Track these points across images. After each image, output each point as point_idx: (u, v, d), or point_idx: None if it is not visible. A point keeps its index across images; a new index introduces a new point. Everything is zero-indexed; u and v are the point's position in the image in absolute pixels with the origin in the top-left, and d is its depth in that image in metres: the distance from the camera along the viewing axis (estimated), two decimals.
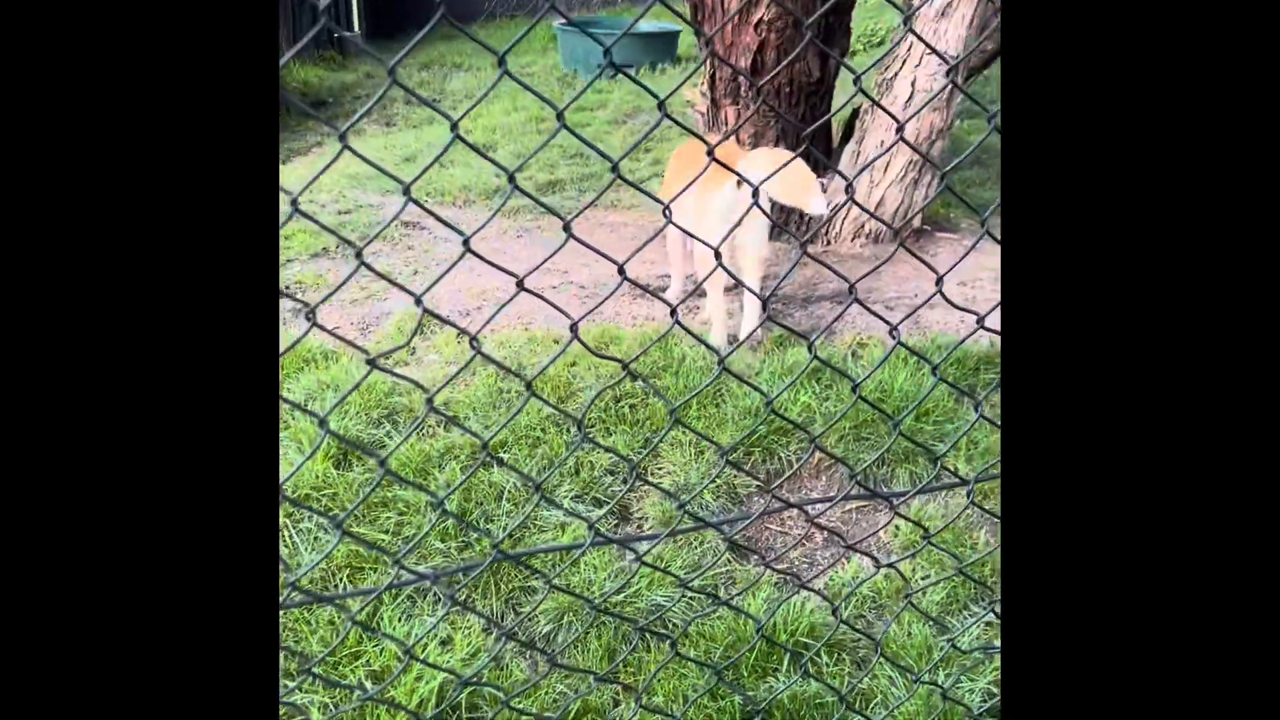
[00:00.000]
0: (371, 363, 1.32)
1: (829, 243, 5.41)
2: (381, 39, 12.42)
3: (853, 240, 5.40)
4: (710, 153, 1.43)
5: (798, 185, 4.07)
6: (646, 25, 11.52)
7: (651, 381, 3.68)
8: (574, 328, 1.30)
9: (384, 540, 2.85)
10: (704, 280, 1.41)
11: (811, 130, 1.48)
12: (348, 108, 9.42)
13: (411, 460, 3.22)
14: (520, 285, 1.34)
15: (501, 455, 3.28)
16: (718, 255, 1.49)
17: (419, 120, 8.77)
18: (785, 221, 5.22)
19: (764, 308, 1.42)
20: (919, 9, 4.74)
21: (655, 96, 1.36)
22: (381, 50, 11.79)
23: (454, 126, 1.31)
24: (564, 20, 10.78)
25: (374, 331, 4.37)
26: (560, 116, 1.32)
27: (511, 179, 1.31)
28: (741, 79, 5.29)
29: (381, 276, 1.18)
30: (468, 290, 4.79)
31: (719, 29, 2.60)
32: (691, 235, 1.48)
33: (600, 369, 3.89)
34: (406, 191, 1.27)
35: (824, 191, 4.30)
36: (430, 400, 1.37)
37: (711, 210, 4.19)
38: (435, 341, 4.26)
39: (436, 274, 4.89)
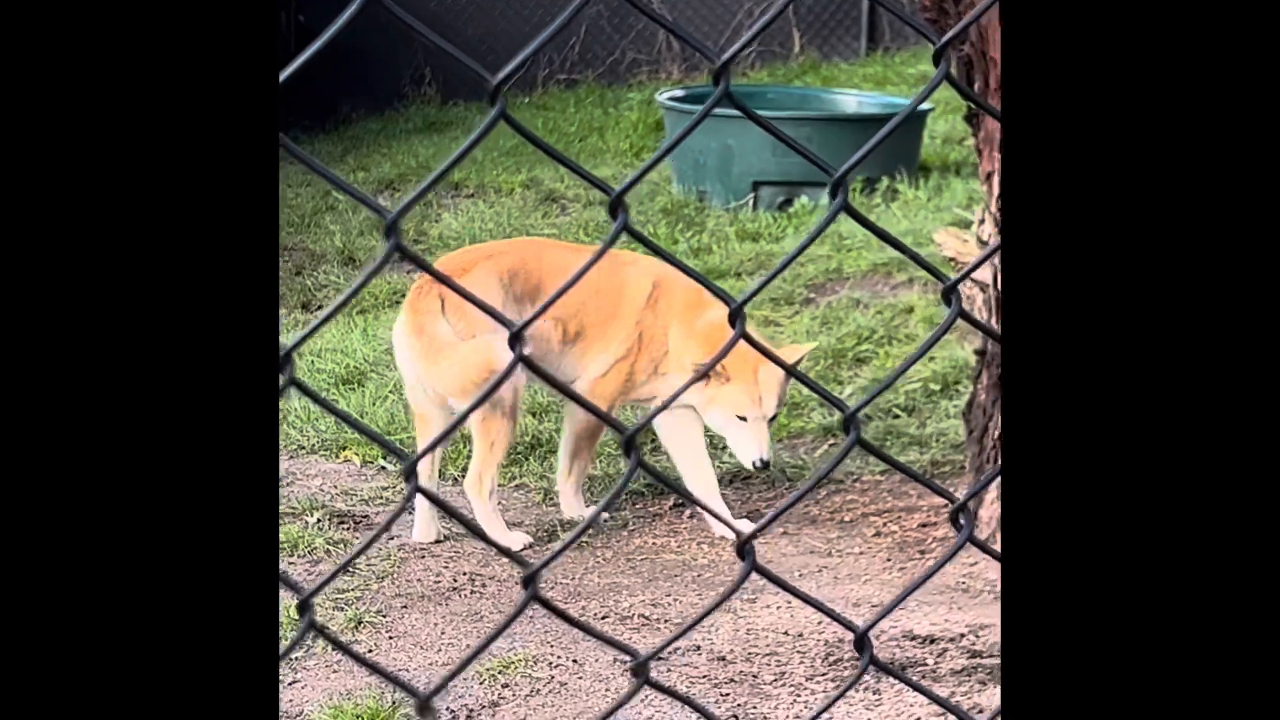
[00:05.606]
0: None
1: None
2: (327, 128, 7.01)
3: None
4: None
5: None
6: (858, 100, 6.16)
7: None
8: None
9: None
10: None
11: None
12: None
13: None
14: None
15: None
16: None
17: (382, 295, 4.92)
18: None
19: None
20: None
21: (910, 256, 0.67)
22: (329, 147, 6.84)
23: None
24: (675, 95, 6.01)
25: None
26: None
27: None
28: None
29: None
30: (482, 669, 2.95)
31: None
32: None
33: None
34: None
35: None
36: None
37: (722, 402, 3.56)
38: None
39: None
